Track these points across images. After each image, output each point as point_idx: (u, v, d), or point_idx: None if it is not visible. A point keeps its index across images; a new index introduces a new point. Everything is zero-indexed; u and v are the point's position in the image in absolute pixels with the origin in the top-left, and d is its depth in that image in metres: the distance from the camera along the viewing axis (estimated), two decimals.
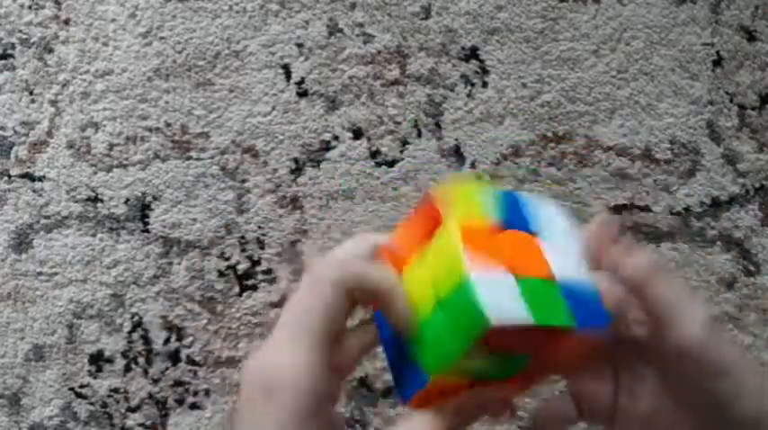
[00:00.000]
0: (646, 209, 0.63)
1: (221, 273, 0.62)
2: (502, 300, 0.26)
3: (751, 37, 0.65)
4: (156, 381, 0.62)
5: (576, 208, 0.63)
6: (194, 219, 0.63)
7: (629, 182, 0.63)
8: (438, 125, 0.64)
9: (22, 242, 0.63)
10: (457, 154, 0.63)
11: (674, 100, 0.64)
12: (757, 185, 0.64)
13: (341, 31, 0.64)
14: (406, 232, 0.31)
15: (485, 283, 0.26)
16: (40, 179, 0.63)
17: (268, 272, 0.62)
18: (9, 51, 0.64)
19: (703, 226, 0.63)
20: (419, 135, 0.63)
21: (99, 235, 0.63)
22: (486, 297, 0.26)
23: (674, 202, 0.63)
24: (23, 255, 0.63)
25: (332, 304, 0.30)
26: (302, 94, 0.64)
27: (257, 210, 0.63)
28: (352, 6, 0.64)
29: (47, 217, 0.63)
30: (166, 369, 0.62)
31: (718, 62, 0.64)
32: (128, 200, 0.63)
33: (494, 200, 0.30)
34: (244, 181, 0.63)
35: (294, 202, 0.63)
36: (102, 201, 0.63)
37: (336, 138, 0.63)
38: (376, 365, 0.61)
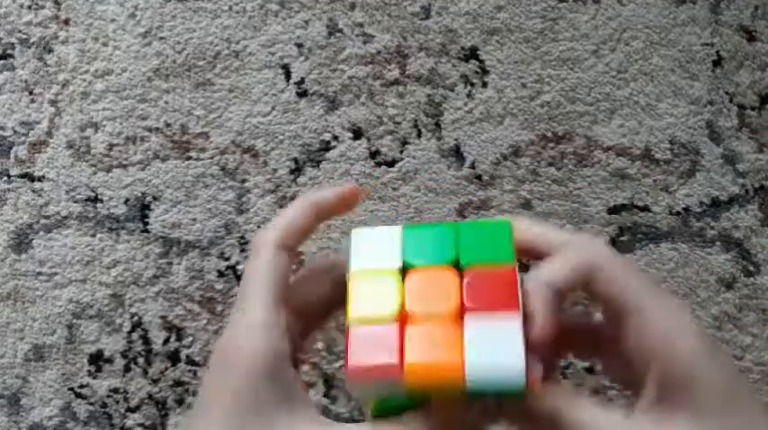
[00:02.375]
0: (645, 209, 0.63)
1: (221, 273, 0.62)
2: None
3: (751, 37, 0.65)
4: (155, 381, 0.62)
5: (575, 208, 0.63)
6: (194, 219, 0.63)
7: (629, 182, 0.63)
8: (438, 125, 0.64)
9: (21, 242, 0.63)
10: (457, 154, 0.63)
11: (673, 100, 0.64)
12: (757, 185, 0.64)
13: (341, 31, 0.64)
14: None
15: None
16: (40, 179, 0.63)
17: None
18: (9, 51, 0.64)
19: (703, 226, 0.63)
20: (419, 135, 0.63)
21: (99, 235, 0.63)
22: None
23: (674, 202, 0.64)
24: (23, 255, 0.63)
25: (272, 261, 0.30)
26: (302, 93, 0.64)
27: (257, 210, 0.63)
28: (352, 6, 0.64)
29: (46, 217, 0.63)
30: (166, 369, 0.62)
31: (718, 62, 0.64)
32: (127, 200, 0.63)
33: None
34: (244, 181, 0.63)
35: None
36: (101, 201, 0.63)
37: (336, 138, 0.63)
38: None
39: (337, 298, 0.31)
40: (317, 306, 0.33)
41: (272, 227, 0.32)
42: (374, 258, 0.29)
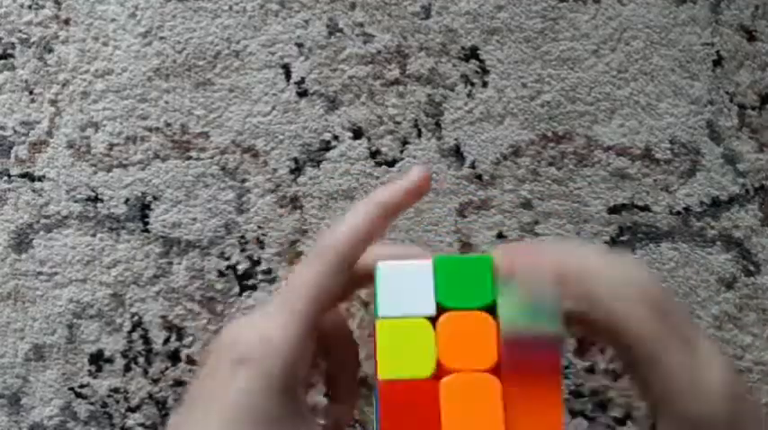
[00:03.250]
0: (646, 209, 0.63)
1: (221, 273, 0.62)
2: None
3: (751, 37, 0.65)
4: (156, 381, 0.62)
5: (575, 208, 0.63)
6: (194, 219, 0.63)
7: (629, 182, 0.63)
8: (438, 125, 0.64)
9: (21, 242, 0.63)
10: (457, 154, 0.63)
11: (674, 100, 0.64)
12: (757, 185, 0.64)
13: (341, 31, 0.64)
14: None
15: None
16: (40, 179, 0.63)
17: (268, 272, 0.63)
18: (9, 51, 0.64)
19: (703, 226, 0.63)
20: (419, 135, 0.63)
21: (99, 235, 0.63)
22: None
23: (674, 202, 0.63)
24: (23, 255, 0.63)
25: (327, 279, 0.28)
26: (302, 93, 0.64)
27: (257, 210, 0.63)
28: (352, 6, 0.64)
29: (47, 217, 0.63)
30: (166, 369, 0.62)
31: (718, 62, 0.64)
32: (128, 200, 0.63)
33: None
34: (244, 181, 0.63)
35: (294, 202, 0.63)
36: (102, 200, 0.63)
37: (336, 138, 0.63)
38: None
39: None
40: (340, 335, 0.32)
41: (338, 234, 0.29)
42: (405, 302, 0.27)
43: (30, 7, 0.64)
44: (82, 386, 0.62)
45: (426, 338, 0.27)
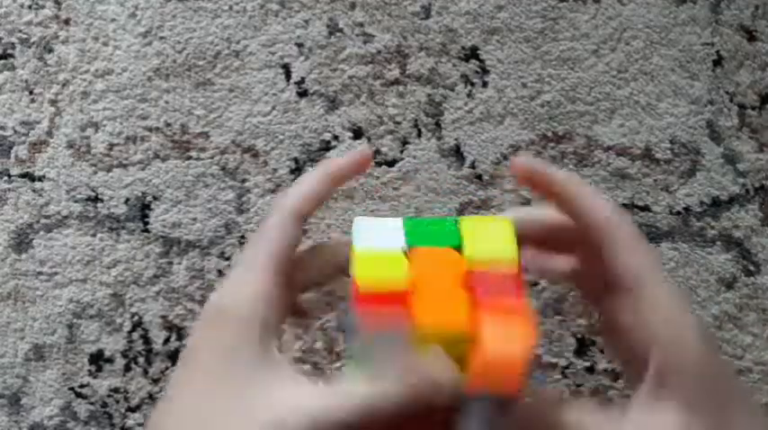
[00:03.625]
0: (646, 209, 0.63)
1: (222, 273, 0.62)
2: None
3: (751, 37, 0.65)
4: (155, 381, 0.62)
5: None
6: (194, 219, 0.63)
7: (629, 182, 0.63)
8: (438, 125, 0.64)
9: (21, 242, 0.63)
10: (457, 154, 0.63)
11: (674, 100, 0.64)
12: (757, 185, 0.64)
13: (341, 30, 0.64)
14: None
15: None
16: (40, 179, 0.63)
17: None
18: (9, 51, 0.64)
19: (703, 226, 0.63)
20: (419, 135, 0.63)
21: (99, 235, 0.63)
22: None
23: (674, 202, 0.63)
24: (23, 255, 0.63)
25: (285, 229, 0.31)
26: (302, 93, 0.64)
27: (257, 210, 0.63)
28: (352, 6, 0.64)
29: (47, 217, 0.63)
30: (166, 369, 0.62)
31: (718, 62, 0.64)
32: (128, 200, 0.63)
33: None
34: (244, 181, 0.63)
35: None
36: (102, 200, 0.63)
37: (336, 137, 0.63)
38: None
39: (334, 278, 0.33)
40: (312, 283, 0.34)
41: (289, 194, 0.33)
42: (379, 240, 0.30)
43: (30, 7, 0.64)
44: (82, 386, 0.62)
45: (400, 264, 0.29)
